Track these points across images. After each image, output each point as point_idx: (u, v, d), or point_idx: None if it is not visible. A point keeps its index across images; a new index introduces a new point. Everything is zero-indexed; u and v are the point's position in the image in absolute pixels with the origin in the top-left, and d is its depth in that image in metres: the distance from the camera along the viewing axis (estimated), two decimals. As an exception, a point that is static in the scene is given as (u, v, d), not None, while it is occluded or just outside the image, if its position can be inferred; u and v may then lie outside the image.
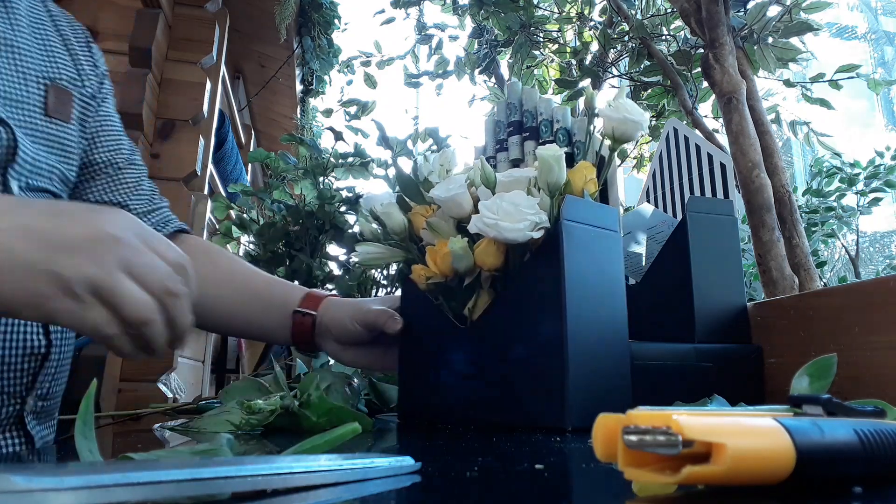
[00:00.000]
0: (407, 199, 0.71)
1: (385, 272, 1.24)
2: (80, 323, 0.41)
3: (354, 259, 0.76)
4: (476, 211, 0.64)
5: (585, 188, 0.64)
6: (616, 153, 0.73)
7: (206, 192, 2.05)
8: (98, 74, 0.81)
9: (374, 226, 0.75)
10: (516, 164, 1.03)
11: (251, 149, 3.42)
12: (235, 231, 1.52)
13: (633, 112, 0.65)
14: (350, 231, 1.37)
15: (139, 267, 0.42)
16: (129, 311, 0.41)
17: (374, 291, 1.25)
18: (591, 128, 0.78)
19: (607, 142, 0.69)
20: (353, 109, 2.22)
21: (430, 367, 0.67)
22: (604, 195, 0.84)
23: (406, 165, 1.51)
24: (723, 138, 1.45)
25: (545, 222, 0.57)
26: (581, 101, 2.23)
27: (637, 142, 2.55)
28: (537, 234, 0.57)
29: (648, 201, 1.26)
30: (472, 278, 0.63)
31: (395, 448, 0.49)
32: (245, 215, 1.47)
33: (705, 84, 1.57)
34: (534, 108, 1.05)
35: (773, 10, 1.48)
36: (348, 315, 0.71)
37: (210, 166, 2.18)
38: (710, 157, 1.13)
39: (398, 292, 0.75)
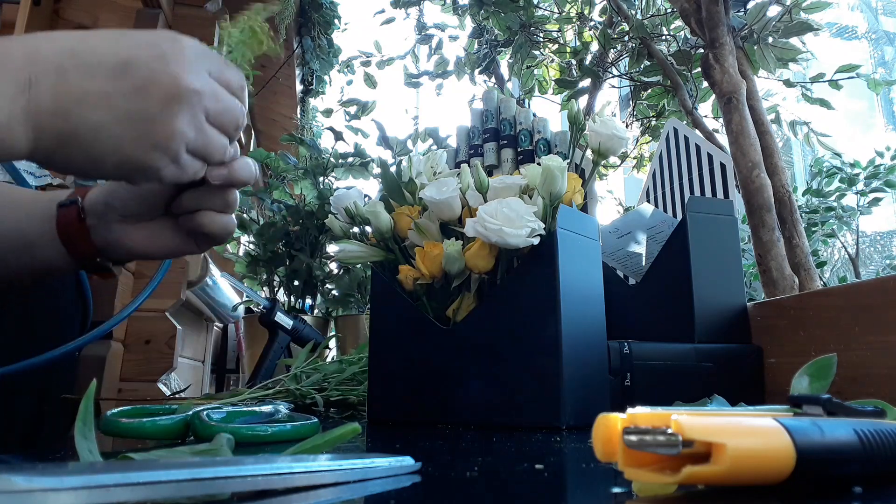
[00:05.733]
0: (390, 200, 0.72)
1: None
2: (179, 178, 0.46)
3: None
4: (470, 214, 0.65)
5: (573, 199, 0.66)
6: (598, 167, 0.75)
7: (206, 192, 2.05)
8: None
9: (346, 224, 0.76)
10: (490, 170, 1.06)
11: (251, 149, 3.42)
12: (235, 231, 1.52)
13: (620, 129, 0.68)
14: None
15: (218, 115, 0.45)
16: (216, 159, 0.47)
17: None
18: (575, 141, 0.79)
19: (589, 155, 0.71)
20: (353, 109, 2.22)
21: (405, 368, 0.67)
22: (583, 206, 0.87)
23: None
24: (723, 138, 1.45)
25: (541, 229, 0.59)
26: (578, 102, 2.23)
27: (637, 142, 2.55)
28: (535, 241, 0.58)
29: (648, 201, 1.26)
30: (461, 281, 0.64)
31: (394, 448, 0.49)
32: (245, 215, 1.47)
33: (705, 84, 1.57)
34: (512, 117, 1.07)
35: (773, 10, 1.48)
36: None
37: (210, 166, 2.17)
38: (710, 157, 1.13)
39: None
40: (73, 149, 0.41)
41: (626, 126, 2.34)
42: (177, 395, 1.37)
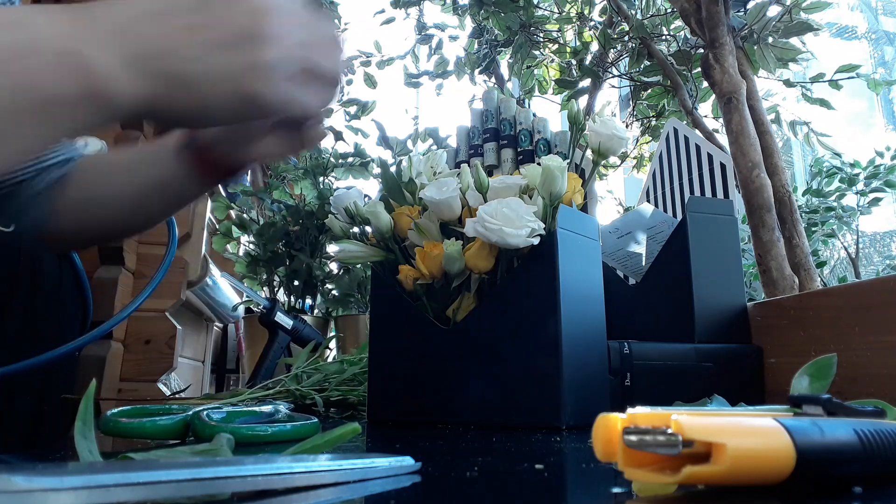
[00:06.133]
0: (390, 200, 0.72)
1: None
2: (291, 106, 0.43)
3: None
4: (470, 214, 0.65)
5: (573, 199, 0.66)
6: (598, 167, 0.75)
7: (206, 192, 2.05)
8: None
9: (346, 224, 0.76)
10: (490, 170, 1.06)
11: (251, 149, 3.41)
12: (235, 231, 1.52)
13: (620, 129, 0.68)
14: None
15: (311, 34, 0.43)
16: (327, 76, 0.45)
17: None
18: (575, 141, 0.79)
19: (589, 155, 0.71)
20: (353, 109, 2.22)
21: (405, 368, 0.67)
22: (583, 206, 0.87)
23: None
24: (723, 138, 1.45)
25: (541, 229, 0.58)
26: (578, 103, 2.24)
27: (637, 142, 2.55)
28: (535, 241, 0.58)
29: (648, 201, 1.26)
30: (461, 280, 0.64)
31: (394, 448, 0.49)
32: (245, 215, 1.47)
33: (705, 84, 1.57)
34: (512, 117, 1.07)
35: (773, 10, 1.48)
36: None
37: (210, 166, 2.17)
38: (710, 157, 1.13)
39: None
40: (182, 90, 0.38)
41: (626, 126, 2.35)
42: (177, 395, 1.37)
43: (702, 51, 1.48)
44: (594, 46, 2.40)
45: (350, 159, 1.55)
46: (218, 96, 0.39)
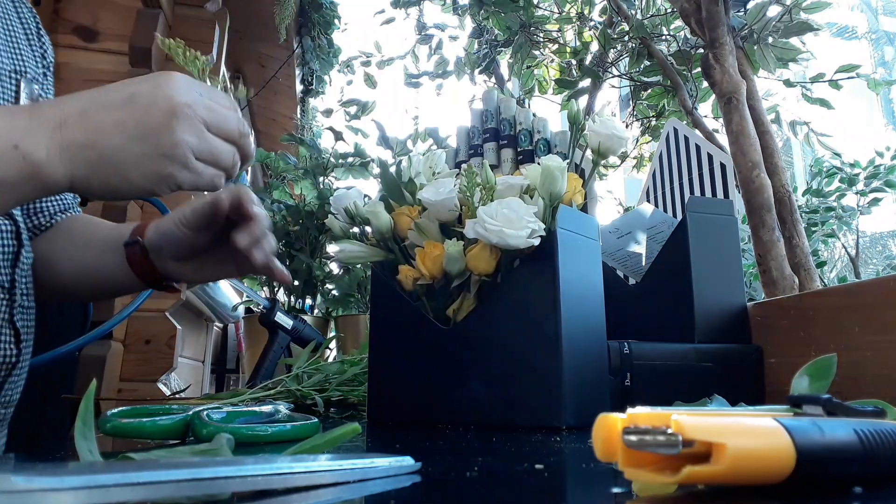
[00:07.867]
0: (390, 200, 0.72)
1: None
2: (197, 184, 0.52)
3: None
4: (471, 215, 0.65)
5: (573, 199, 0.66)
6: (598, 167, 0.75)
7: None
8: (45, 65, 0.76)
9: (346, 224, 0.76)
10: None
11: (251, 149, 3.40)
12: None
13: (619, 129, 0.68)
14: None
15: (217, 124, 0.52)
16: (226, 164, 0.53)
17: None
18: (575, 141, 0.79)
19: (589, 154, 0.71)
20: (353, 109, 2.22)
21: (405, 367, 0.67)
22: (583, 206, 0.86)
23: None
24: (723, 138, 1.45)
25: (542, 230, 0.58)
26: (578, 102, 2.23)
27: (637, 142, 2.55)
28: (536, 242, 0.58)
29: (648, 201, 1.26)
30: (461, 281, 0.64)
31: (394, 448, 0.49)
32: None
33: (705, 84, 1.57)
34: (512, 117, 1.07)
35: (773, 10, 1.48)
36: (172, 221, 0.64)
37: (210, 166, 2.17)
38: (710, 157, 1.13)
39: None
40: (104, 172, 0.48)
41: (626, 126, 2.35)
42: (177, 395, 1.37)
43: (702, 51, 1.48)
44: (594, 46, 2.40)
45: (350, 159, 1.55)
46: (135, 176, 0.49)
